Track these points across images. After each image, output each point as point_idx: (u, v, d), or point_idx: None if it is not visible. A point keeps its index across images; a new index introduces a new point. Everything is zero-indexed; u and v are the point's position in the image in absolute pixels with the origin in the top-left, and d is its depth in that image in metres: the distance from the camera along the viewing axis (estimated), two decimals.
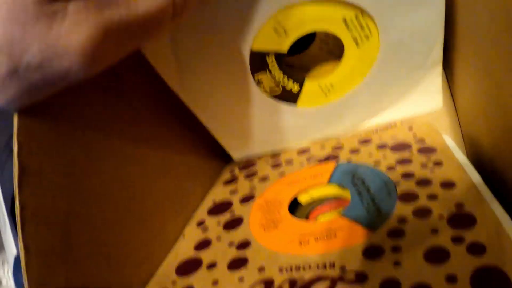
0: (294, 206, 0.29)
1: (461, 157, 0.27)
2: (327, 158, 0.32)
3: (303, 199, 0.29)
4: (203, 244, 0.26)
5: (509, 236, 0.19)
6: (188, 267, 0.24)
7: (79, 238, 0.20)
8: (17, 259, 0.45)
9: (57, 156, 0.20)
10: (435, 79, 0.33)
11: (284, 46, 0.29)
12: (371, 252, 0.20)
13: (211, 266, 0.23)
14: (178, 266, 0.24)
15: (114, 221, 0.23)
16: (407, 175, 0.26)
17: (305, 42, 0.36)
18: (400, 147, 0.30)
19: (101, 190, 0.22)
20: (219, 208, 0.30)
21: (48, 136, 0.20)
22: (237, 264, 0.23)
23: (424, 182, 0.25)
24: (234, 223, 0.27)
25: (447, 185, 0.24)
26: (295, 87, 0.32)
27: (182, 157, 0.32)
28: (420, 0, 0.27)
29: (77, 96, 0.22)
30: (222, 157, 0.39)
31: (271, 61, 0.30)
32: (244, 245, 0.24)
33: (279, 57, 0.30)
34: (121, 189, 0.24)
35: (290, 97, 0.33)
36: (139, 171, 0.26)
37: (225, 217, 0.28)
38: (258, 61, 0.30)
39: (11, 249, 0.46)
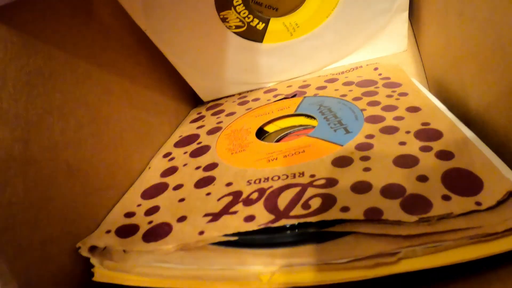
0: (261, 137, 0.28)
1: (424, 89, 0.27)
2: (294, 95, 0.31)
3: (270, 128, 0.28)
4: (170, 171, 0.24)
5: (475, 145, 0.18)
6: (153, 192, 0.22)
7: (39, 150, 0.18)
8: None
9: (20, 64, 0.18)
10: (401, 24, 0.32)
11: None
12: (340, 162, 0.19)
13: (178, 187, 0.22)
14: (144, 191, 0.23)
15: (75, 140, 0.21)
16: (373, 103, 0.25)
17: None
18: (366, 83, 0.29)
19: (61, 105, 0.20)
20: (185, 141, 0.28)
21: (15, 43, 0.18)
22: (204, 182, 0.21)
23: (390, 108, 0.24)
24: (200, 151, 0.26)
25: (413, 109, 0.23)
26: (260, 25, 0.31)
27: (149, 93, 0.31)
28: None
29: (46, 13, 0.20)
30: (191, 102, 0.37)
31: None
32: (211, 166, 0.23)
33: None
34: (84, 109, 0.22)
35: (255, 35, 0.31)
36: (104, 97, 0.24)
37: (192, 147, 0.27)
38: None
39: None
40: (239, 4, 0.29)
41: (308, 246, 0.15)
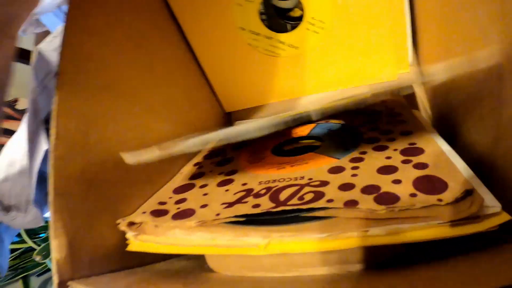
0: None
1: (423, 119, 0.31)
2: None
3: (287, 147, 0.32)
4: (197, 175, 0.29)
5: (449, 158, 0.22)
6: (183, 189, 0.27)
7: (94, 141, 0.23)
8: None
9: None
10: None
11: None
12: (335, 170, 0.23)
13: (203, 186, 0.26)
14: (175, 189, 0.27)
15: (122, 140, 0.26)
16: (373, 128, 0.29)
17: None
18: (372, 112, 0.34)
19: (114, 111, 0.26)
20: (213, 154, 0.33)
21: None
22: (225, 183, 0.26)
23: (386, 132, 0.28)
24: (225, 162, 0.30)
25: (405, 133, 0.27)
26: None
27: (186, 110, 0.36)
28: None
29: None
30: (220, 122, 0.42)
31: None
32: (232, 172, 0.27)
33: None
34: (131, 117, 0.27)
35: None
36: (147, 113, 0.30)
37: (218, 158, 0.31)
38: None
39: None
40: None
41: (298, 225, 0.19)
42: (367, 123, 0.31)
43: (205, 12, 0.37)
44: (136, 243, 0.22)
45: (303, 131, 0.33)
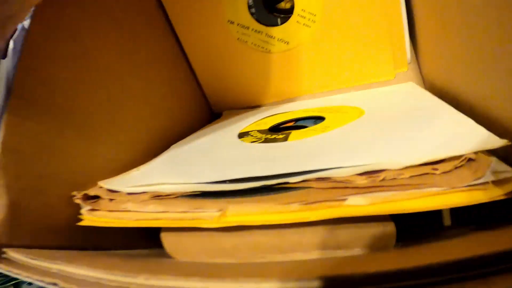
0: None
1: None
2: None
3: None
4: None
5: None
6: None
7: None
8: None
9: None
10: None
11: None
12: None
13: None
14: None
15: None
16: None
17: None
18: None
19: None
20: None
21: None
22: None
23: None
24: None
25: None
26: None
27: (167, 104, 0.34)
28: None
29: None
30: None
31: None
32: None
33: None
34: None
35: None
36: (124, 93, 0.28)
37: None
38: None
39: None
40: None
41: (263, 196, 0.17)
42: None
43: (194, 4, 0.36)
44: (89, 217, 0.20)
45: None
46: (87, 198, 0.21)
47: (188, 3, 0.35)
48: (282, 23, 0.35)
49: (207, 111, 0.41)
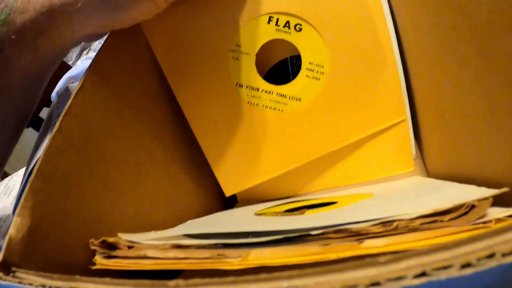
0: None
1: None
2: None
3: None
4: None
5: None
6: None
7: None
8: None
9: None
10: None
11: None
12: None
13: None
14: None
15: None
16: None
17: None
18: None
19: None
20: None
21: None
22: None
23: None
24: None
25: None
26: None
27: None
28: None
29: None
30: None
31: None
32: None
33: None
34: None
35: None
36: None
37: None
38: None
39: None
40: None
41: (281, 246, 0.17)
42: None
43: (198, 70, 0.34)
44: (103, 261, 0.20)
45: None
46: (104, 245, 0.21)
47: (191, 71, 0.34)
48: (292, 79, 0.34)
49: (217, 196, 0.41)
